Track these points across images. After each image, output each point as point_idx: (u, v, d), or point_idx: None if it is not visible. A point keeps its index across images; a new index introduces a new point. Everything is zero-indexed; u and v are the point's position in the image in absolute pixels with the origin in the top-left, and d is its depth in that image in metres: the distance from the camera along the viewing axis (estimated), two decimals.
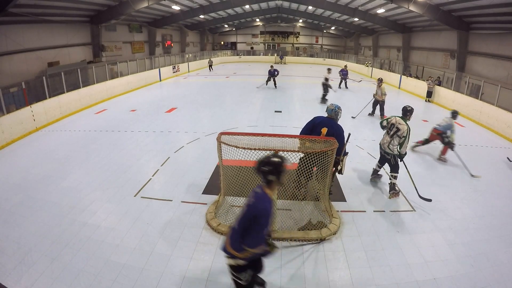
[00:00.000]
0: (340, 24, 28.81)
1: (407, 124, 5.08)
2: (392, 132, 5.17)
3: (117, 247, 3.85)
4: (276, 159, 2.49)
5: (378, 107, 10.54)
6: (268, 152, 3.95)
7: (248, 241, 2.43)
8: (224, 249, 2.52)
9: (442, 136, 6.86)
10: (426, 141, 7.26)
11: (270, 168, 2.43)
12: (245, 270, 2.58)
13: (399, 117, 5.23)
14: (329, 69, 12.93)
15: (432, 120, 9.52)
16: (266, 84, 16.09)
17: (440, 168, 6.58)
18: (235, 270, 2.56)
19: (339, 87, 16.47)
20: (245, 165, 4.29)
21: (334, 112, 4.75)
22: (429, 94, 13.83)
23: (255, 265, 2.76)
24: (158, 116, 10.25)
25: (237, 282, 2.64)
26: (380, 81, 10.55)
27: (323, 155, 3.97)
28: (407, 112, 5.23)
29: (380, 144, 5.48)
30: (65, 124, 9.30)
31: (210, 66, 25.08)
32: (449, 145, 6.77)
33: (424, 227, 4.42)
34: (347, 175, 5.94)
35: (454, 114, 6.85)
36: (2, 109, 7.76)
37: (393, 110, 11.78)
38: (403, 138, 5.00)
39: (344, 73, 16.31)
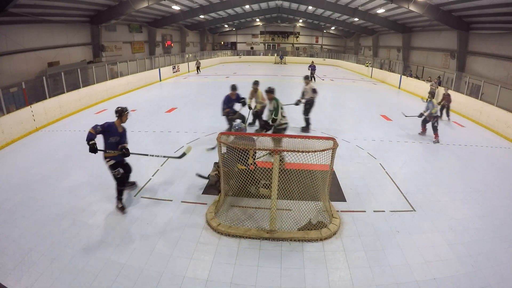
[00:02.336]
0: (340, 24, 28.79)
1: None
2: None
3: (117, 247, 3.85)
4: (120, 107, 4.73)
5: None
6: (268, 152, 3.96)
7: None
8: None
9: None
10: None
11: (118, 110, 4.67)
12: (116, 167, 4.57)
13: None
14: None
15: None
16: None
17: (440, 168, 6.58)
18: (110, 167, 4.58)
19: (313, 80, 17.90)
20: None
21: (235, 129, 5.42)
22: (432, 95, 13.45)
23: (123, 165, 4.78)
24: (158, 116, 10.25)
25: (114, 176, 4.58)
26: (306, 78, 9.04)
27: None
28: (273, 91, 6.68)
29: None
30: (65, 124, 9.30)
31: (198, 68, 23.70)
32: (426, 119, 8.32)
33: (424, 227, 4.42)
34: (347, 175, 5.95)
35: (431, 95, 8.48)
36: (2, 109, 7.76)
37: (393, 111, 11.79)
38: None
39: (312, 68, 18.49)
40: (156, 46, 24.02)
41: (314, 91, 8.60)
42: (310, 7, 24.44)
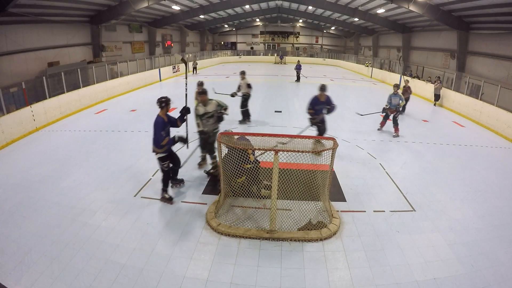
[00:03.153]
0: (340, 24, 28.79)
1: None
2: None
3: (117, 247, 3.85)
4: (163, 98, 4.69)
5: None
6: (268, 152, 3.97)
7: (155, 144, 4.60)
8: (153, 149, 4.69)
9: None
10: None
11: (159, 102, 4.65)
12: (166, 160, 4.72)
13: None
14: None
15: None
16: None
17: (440, 168, 6.58)
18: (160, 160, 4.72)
19: (298, 80, 18.79)
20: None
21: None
22: (437, 97, 13.15)
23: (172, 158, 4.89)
24: None
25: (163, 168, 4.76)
26: (242, 73, 9.04)
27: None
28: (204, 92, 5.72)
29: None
30: (65, 124, 9.30)
31: (195, 68, 22.92)
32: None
33: (424, 227, 4.42)
34: (347, 175, 5.95)
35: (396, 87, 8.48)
36: (2, 109, 7.76)
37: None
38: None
39: (298, 67, 18.85)
40: (156, 46, 24.02)
41: (249, 86, 8.97)
42: (310, 7, 24.44)
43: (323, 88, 6.70)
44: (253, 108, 11.35)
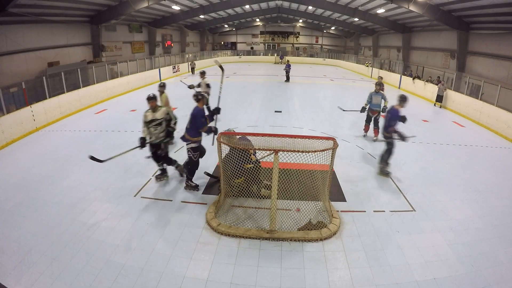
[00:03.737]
0: (340, 24, 28.78)
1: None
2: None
3: (117, 247, 3.85)
4: (200, 93, 5.08)
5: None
6: (267, 152, 3.97)
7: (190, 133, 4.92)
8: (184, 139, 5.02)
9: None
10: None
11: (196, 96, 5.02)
12: (197, 151, 5.00)
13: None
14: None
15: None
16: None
17: (440, 168, 6.57)
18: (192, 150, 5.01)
19: (288, 80, 18.67)
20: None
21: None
22: (439, 98, 13.01)
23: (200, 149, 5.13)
24: None
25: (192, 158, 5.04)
26: (202, 73, 9.42)
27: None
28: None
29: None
30: (65, 124, 9.30)
31: (193, 69, 23.05)
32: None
33: (424, 227, 4.42)
34: (347, 175, 5.95)
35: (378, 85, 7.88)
36: (2, 109, 7.76)
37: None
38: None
39: (287, 67, 18.74)
40: (156, 46, 24.02)
41: (208, 85, 9.27)
42: (310, 7, 24.44)
43: (403, 98, 5.81)
44: (253, 108, 11.39)
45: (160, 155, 5.32)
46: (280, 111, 10.98)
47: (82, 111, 10.89)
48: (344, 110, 9.24)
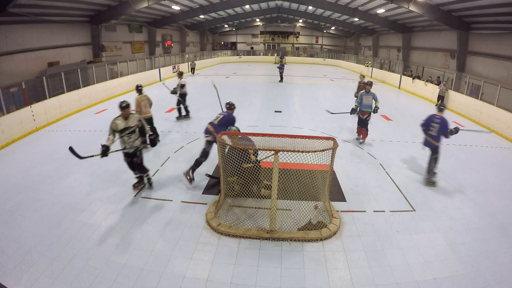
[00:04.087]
0: (340, 24, 28.78)
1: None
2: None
3: (117, 247, 3.85)
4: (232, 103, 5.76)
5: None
6: (268, 152, 3.96)
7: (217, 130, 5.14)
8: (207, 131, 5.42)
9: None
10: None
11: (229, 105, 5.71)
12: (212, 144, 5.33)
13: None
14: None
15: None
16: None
17: (440, 168, 6.56)
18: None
19: (281, 80, 18.60)
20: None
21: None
22: (441, 99, 12.90)
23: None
24: (159, 116, 10.22)
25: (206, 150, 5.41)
26: (180, 74, 9.95)
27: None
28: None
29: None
30: (65, 124, 9.30)
31: (193, 69, 22.97)
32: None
33: (424, 227, 4.42)
34: (347, 175, 5.95)
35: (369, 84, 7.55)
36: (2, 109, 7.76)
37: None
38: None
39: (281, 67, 18.66)
40: (156, 46, 24.02)
41: (182, 86, 9.65)
42: (310, 7, 24.44)
43: (441, 108, 5.82)
44: (253, 108, 11.39)
45: (135, 162, 5.06)
46: (280, 111, 10.98)
47: (82, 111, 10.90)
48: (332, 113, 8.93)
